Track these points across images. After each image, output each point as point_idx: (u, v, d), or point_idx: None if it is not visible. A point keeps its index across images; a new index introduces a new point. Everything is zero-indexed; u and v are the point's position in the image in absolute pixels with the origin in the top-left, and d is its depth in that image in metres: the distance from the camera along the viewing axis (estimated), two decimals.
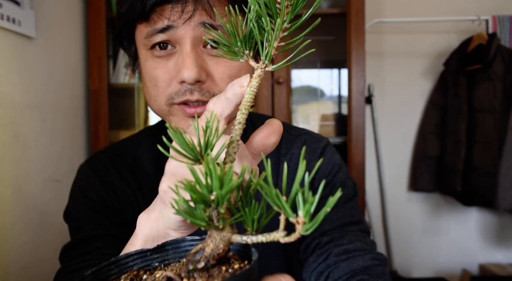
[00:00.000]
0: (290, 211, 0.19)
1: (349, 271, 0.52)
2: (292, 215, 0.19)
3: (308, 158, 0.61)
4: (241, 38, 0.24)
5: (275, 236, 0.20)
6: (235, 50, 0.25)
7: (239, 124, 0.26)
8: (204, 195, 0.20)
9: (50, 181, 1.18)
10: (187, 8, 0.47)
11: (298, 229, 0.19)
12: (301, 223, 0.19)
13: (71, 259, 0.56)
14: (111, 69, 1.56)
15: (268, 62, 0.25)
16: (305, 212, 0.19)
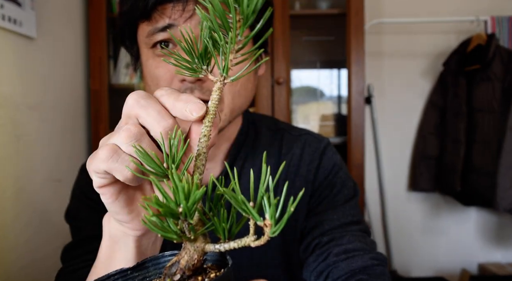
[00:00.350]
0: (257, 215, 0.20)
1: (348, 271, 0.52)
2: (259, 219, 0.20)
3: (309, 158, 0.61)
4: (198, 55, 0.25)
5: (246, 241, 0.21)
6: (193, 67, 0.25)
7: (204, 136, 0.26)
8: (171, 209, 0.20)
9: (51, 181, 1.18)
10: (188, 7, 0.47)
11: (266, 232, 0.20)
12: (268, 226, 0.19)
13: (72, 259, 0.56)
14: (112, 69, 1.56)
15: (226, 75, 0.26)
16: (270, 215, 0.19)
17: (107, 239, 0.35)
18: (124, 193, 0.32)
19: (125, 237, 0.34)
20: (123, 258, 0.34)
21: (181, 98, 0.28)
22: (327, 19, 1.70)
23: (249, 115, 0.65)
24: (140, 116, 0.29)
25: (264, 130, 0.64)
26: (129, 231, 0.33)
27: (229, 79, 0.26)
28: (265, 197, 0.20)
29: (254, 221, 0.21)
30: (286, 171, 0.61)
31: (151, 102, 0.29)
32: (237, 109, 0.55)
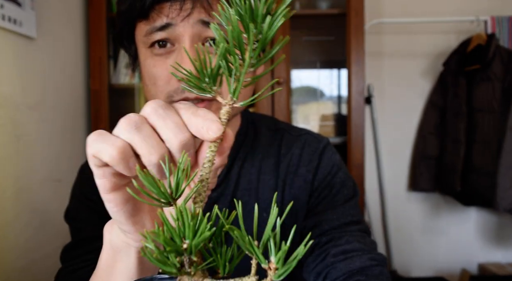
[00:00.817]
0: (262, 258, 0.19)
1: (346, 271, 0.52)
2: (264, 261, 0.19)
3: (308, 158, 0.61)
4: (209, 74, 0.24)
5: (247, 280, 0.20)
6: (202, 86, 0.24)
7: (209, 162, 0.26)
8: (177, 246, 0.19)
9: (51, 181, 1.18)
10: (185, 5, 0.47)
11: (270, 275, 0.19)
12: (273, 269, 0.19)
13: (71, 259, 0.56)
14: (112, 69, 1.56)
15: (236, 99, 0.25)
16: (277, 259, 0.18)
17: (108, 248, 0.34)
18: (131, 202, 0.31)
19: (127, 247, 0.33)
20: (124, 268, 0.34)
21: (199, 114, 0.28)
22: (327, 19, 1.70)
23: (249, 115, 0.65)
24: (156, 126, 0.28)
25: (264, 130, 0.64)
26: (132, 242, 0.32)
27: (238, 103, 0.25)
28: (271, 239, 0.19)
29: (257, 261, 0.20)
30: (285, 171, 0.61)
31: (170, 113, 0.28)
32: (234, 109, 0.55)
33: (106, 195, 0.30)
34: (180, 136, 0.27)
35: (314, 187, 0.60)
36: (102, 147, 0.28)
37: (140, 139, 0.27)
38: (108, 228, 0.35)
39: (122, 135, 0.28)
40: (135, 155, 0.28)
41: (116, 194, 0.30)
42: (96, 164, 0.29)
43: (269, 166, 0.60)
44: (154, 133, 0.28)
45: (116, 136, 0.28)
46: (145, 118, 0.29)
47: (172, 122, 0.28)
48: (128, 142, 0.28)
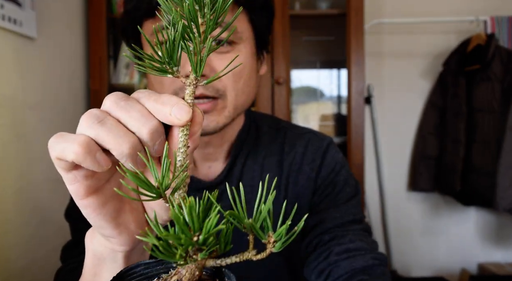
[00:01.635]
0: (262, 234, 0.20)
1: (349, 270, 0.52)
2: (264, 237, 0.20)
3: (312, 156, 0.61)
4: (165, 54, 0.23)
5: (248, 255, 0.21)
6: (163, 67, 0.23)
7: (184, 146, 0.24)
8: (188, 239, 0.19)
9: (51, 180, 1.18)
10: None
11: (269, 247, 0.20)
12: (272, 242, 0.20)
13: (71, 258, 0.56)
14: (112, 69, 1.56)
15: (199, 77, 0.24)
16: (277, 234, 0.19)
17: (91, 257, 0.32)
18: (110, 205, 0.29)
19: (112, 253, 0.31)
20: (111, 275, 0.31)
21: (163, 101, 0.26)
22: (327, 19, 1.70)
23: (251, 113, 0.66)
24: (121, 118, 0.26)
25: (266, 129, 0.64)
26: (117, 247, 0.30)
27: (202, 81, 0.24)
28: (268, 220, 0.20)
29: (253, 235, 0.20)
30: (288, 169, 0.61)
31: (132, 104, 0.27)
32: (240, 107, 0.55)
33: (82, 201, 0.28)
34: (148, 124, 0.26)
35: (317, 185, 0.60)
36: (64, 146, 0.26)
37: (105, 132, 0.26)
38: (89, 236, 0.33)
39: (85, 132, 0.26)
40: (104, 151, 0.26)
41: (92, 198, 0.28)
42: (63, 168, 0.27)
43: (272, 163, 0.61)
44: (119, 124, 0.26)
45: (77, 134, 0.27)
46: (107, 112, 0.27)
47: (137, 112, 0.26)
48: (93, 137, 0.26)
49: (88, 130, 0.26)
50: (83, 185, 0.27)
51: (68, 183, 0.27)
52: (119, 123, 0.26)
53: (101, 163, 0.26)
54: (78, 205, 0.28)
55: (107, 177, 0.29)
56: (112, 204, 0.29)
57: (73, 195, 0.28)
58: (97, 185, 0.28)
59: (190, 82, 0.24)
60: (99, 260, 0.32)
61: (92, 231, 0.33)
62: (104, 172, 0.28)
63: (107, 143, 0.26)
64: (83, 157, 0.25)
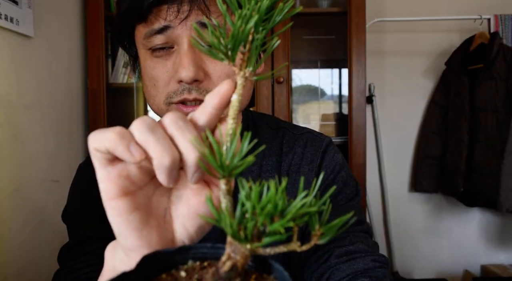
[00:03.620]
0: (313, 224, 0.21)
1: (350, 273, 0.52)
2: (315, 228, 0.21)
3: (310, 157, 0.61)
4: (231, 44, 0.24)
5: (293, 246, 0.21)
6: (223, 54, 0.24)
7: (234, 134, 0.25)
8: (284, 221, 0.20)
9: (48, 181, 1.17)
10: (182, 8, 0.47)
11: (314, 239, 0.21)
12: (318, 234, 0.21)
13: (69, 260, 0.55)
14: (110, 69, 1.55)
15: (253, 72, 0.25)
16: (327, 228, 0.21)
17: (110, 271, 0.31)
18: (137, 213, 0.27)
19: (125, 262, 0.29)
20: None
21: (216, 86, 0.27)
22: (328, 17, 1.69)
23: (250, 113, 0.65)
24: (174, 136, 0.27)
25: (265, 128, 0.64)
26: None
27: (252, 77, 0.25)
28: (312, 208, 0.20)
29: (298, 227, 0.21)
30: (287, 169, 0.60)
31: (190, 127, 0.27)
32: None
33: (110, 202, 0.27)
34: (198, 151, 0.26)
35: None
36: (102, 135, 0.26)
37: (153, 139, 0.26)
38: (110, 250, 0.31)
39: (135, 134, 0.26)
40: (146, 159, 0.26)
41: (120, 201, 0.26)
42: (99, 159, 0.26)
43: (271, 164, 0.60)
44: (167, 137, 0.26)
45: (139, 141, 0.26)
46: (161, 125, 0.27)
47: (192, 135, 0.26)
48: (139, 141, 0.26)
49: (137, 133, 0.26)
50: (115, 185, 0.26)
51: (100, 180, 0.27)
52: (167, 136, 0.27)
53: (134, 153, 0.25)
54: (105, 206, 0.27)
55: (141, 184, 0.28)
56: (139, 213, 0.28)
57: (103, 194, 0.27)
58: (129, 189, 0.27)
59: (243, 75, 0.25)
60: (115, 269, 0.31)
61: (114, 245, 0.31)
62: (138, 178, 0.27)
63: (151, 151, 0.26)
64: (115, 144, 0.25)
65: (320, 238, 0.20)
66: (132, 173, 0.27)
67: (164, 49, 0.50)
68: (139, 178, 0.27)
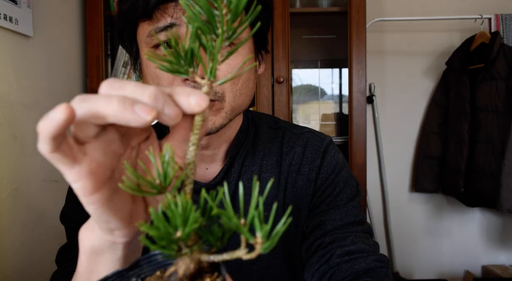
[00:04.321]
0: (248, 234, 0.21)
1: (351, 273, 0.52)
2: (251, 238, 0.21)
3: (311, 156, 0.61)
4: (183, 56, 0.24)
5: (238, 254, 0.22)
6: (180, 69, 0.24)
7: (193, 145, 0.25)
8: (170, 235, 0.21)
9: (48, 181, 1.17)
10: None
11: (258, 248, 0.21)
12: (259, 243, 0.21)
13: (67, 261, 0.55)
14: (109, 68, 1.55)
15: (213, 78, 0.25)
16: (263, 235, 0.21)
17: (88, 254, 0.31)
18: (116, 198, 0.27)
19: (113, 246, 0.30)
20: (108, 270, 0.31)
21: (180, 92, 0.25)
22: (328, 17, 1.68)
23: (250, 113, 0.65)
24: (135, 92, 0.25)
25: (265, 129, 0.63)
26: (119, 238, 0.29)
27: (217, 82, 0.25)
28: (256, 218, 0.21)
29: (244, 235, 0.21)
30: (287, 169, 0.60)
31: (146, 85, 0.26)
32: (237, 108, 0.54)
33: (89, 197, 0.26)
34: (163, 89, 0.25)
35: (317, 186, 0.60)
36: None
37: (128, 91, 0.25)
38: (86, 233, 0.31)
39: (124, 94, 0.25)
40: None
41: (98, 194, 0.26)
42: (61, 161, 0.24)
43: (271, 164, 0.60)
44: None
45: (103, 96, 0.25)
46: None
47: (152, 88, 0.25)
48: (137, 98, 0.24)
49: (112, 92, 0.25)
50: (90, 181, 0.25)
51: (73, 181, 0.25)
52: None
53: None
54: (83, 202, 0.26)
55: (112, 169, 0.27)
56: (118, 196, 0.27)
57: (79, 193, 0.26)
58: (104, 178, 0.26)
59: (205, 82, 0.25)
60: (97, 255, 0.31)
61: (87, 227, 0.31)
62: (109, 163, 0.26)
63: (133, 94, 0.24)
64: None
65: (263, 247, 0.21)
66: (101, 161, 0.26)
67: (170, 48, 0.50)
68: (109, 163, 0.27)
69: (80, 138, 0.25)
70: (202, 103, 0.24)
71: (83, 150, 0.25)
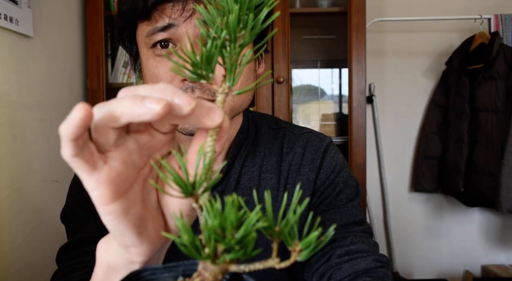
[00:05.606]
0: (290, 241, 0.20)
1: (351, 273, 0.52)
2: (291, 244, 0.20)
3: (311, 157, 0.60)
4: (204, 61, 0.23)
5: (271, 263, 0.21)
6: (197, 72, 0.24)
7: (211, 151, 0.25)
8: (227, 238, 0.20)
9: (48, 181, 1.17)
10: (188, 6, 0.47)
11: (294, 255, 0.20)
12: (297, 251, 0.20)
13: (67, 261, 0.55)
14: (110, 69, 1.55)
15: (231, 86, 0.24)
16: (304, 243, 0.20)
17: (105, 268, 0.30)
18: (133, 211, 0.27)
19: (129, 265, 0.29)
20: None
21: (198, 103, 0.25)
22: (328, 17, 1.69)
23: (250, 113, 0.65)
24: None
25: (265, 129, 0.63)
26: (136, 257, 0.28)
27: (234, 91, 0.25)
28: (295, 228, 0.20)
29: (277, 243, 0.20)
30: (287, 169, 0.60)
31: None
32: (237, 107, 0.54)
33: (105, 207, 0.25)
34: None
35: (317, 186, 0.60)
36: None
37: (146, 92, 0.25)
38: (103, 247, 0.30)
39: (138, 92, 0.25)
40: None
41: (116, 204, 0.25)
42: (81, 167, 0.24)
43: (271, 164, 0.60)
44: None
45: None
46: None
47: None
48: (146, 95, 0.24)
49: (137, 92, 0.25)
50: (107, 190, 0.25)
51: (91, 189, 0.25)
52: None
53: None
54: (100, 212, 0.26)
55: (132, 180, 0.27)
56: (135, 210, 0.27)
57: (96, 202, 0.25)
58: (122, 189, 0.26)
59: (223, 91, 0.24)
60: (113, 271, 0.30)
61: (106, 241, 0.30)
62: (128, 174, 0.26)
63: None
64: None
65: (300, 255, 0.20)
66: (121, 171, 0.26)
67: (167, 47, 0.50)
68: (128, 174, 0.26)
69: (101, 144, 0.25)
70: (217, 119, 0.24)
71: (104, 158, 0.25)
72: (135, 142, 0.26)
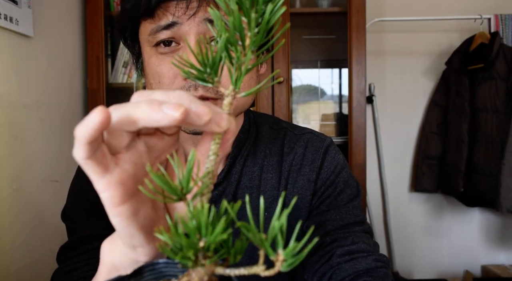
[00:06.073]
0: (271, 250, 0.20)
1: (352, 272, 0.52)
2: (273, 254, 0.20)
3: (311, 157, 0.61)
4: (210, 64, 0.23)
5: (256, 270, 0.21)
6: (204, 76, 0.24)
7: (214, 154, 0.25)
8: (194, 244, 0.20)
9: (48, 181, 1.17)
10: (191, 4, 0.47)
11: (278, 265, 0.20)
12: (280, 261, 0.20)
13: (68, 259, 0.55)
14: (110, 69, 1.55)
15: (237, 89, 0.25)
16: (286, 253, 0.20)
17: (109, 268, 0.30)
18: (142, 212, 0.27)
19: (134, 264, 0.29)
20: None
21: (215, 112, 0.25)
22: (328, 17, 1.69)
23: (251, 113, 0.65)
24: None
25: (266, 129, 0.63)
26: (142, 257, 0.29)
27: (240, 94, 0.25)
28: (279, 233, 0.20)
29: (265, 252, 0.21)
30: (288, 170, 0.60)
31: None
32: (240, 107, 0.55)
33: (115, 208, 0.25)
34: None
35: (317, 186, 0.60)
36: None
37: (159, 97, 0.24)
38: (107, 247, 0.31)
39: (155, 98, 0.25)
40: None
41: (125, 206, 0.25)
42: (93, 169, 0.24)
43: (272, 164, 0.60)
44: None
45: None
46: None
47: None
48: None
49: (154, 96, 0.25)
50: (118, 191, 0.25)
51: (101, 190, 0.25)
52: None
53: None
54: (109, 214, 0.26)
55: (140, 182, 0.27)
56: (144, 212, 0.27)
57: (106, 204, 0.25)
58: (132, 190, 0.26)
59: (229, 93, 0.25)
60: (117, 271, 0.30)
61: (111, 241, 0.31)
62: (138, 176, 0.26)
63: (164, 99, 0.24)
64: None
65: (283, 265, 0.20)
66: (131, 173, 0.26)
67: (170, 46, 0.50)
68: (138, 176, 0.26)
69: (113, 147, 0.25)
70: (223, 125, 0.25)
71: (115, 160, 0.25)
72: (145, 144, 0.27)
